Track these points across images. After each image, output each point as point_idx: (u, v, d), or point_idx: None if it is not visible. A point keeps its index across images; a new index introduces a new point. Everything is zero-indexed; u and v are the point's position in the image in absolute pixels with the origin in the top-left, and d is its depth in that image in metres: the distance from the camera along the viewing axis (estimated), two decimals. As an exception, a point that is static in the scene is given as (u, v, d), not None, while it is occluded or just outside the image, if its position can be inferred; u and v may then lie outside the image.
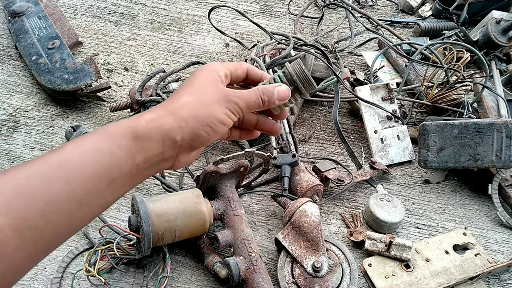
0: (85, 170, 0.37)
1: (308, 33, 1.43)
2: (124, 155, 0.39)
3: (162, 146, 0.41)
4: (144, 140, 0.40)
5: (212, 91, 0.44)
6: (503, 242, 0.91)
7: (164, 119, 0.42)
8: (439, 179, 1.02)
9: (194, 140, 0.43)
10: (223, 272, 0.74)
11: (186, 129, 0.42)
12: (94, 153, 0.38)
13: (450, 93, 1.07)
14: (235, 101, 0.45)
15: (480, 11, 1.41)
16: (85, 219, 0.38)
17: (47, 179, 0.35)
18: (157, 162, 0.42)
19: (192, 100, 0.43)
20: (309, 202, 0.80)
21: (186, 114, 0.42)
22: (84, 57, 1.23)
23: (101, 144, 0.39)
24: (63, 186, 0.36)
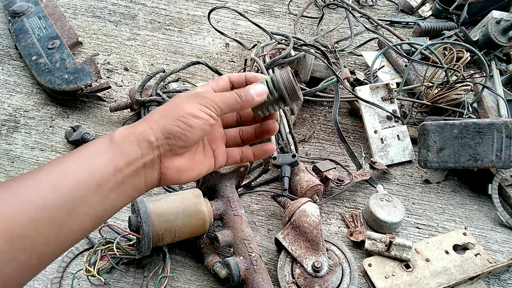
0: (71, 176, 0.38)
1: (308, 33, 1.43)
2: (105, 160, 0.40)
3: (139, 149, 0.42)
4: (120, 145, 0.41)
5: (183, 96, 0.45)
6: (503, 242, 0.91)
7: (136, 126, 0.43)
8: (439, 179, 1.02)
9: (169, 138, 0.42)
10: (223, 272, 0.74)
11: (157, 128, 0.42)
12: (79, 160, 0.40)
13: (450, 93, 1.07)
14: (207, 96, 0.45)
15: (480, 11, 1.41)
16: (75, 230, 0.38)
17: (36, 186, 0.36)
18: (140, 168, 0.42)
19: (163, 106, 0.45)
20: (309, 202, 0.80)
21: (156, 117, 0.43)
22: (84, 57, 1.23)
23: (85, 154, 0.40)
24: (51, 193, 0.36)
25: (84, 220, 0.39)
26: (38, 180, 0.37)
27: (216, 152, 0.50)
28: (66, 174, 0.38)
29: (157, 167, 0.43)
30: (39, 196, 0.36)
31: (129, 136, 0.42)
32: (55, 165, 0.39)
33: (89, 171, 0.39)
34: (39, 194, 0.36)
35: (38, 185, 0.37)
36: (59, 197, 0.37)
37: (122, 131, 0.42)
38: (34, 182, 0.37)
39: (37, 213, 0.35)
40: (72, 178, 0.38)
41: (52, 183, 0.37)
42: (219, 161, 0.50)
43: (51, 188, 0.37)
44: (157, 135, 0.42)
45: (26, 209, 0.35)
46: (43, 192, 0.36)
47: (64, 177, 0.38)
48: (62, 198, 0.37)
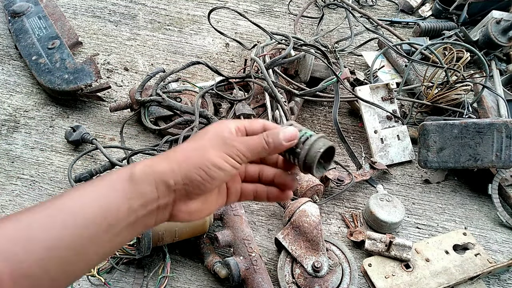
0: (83, 215, 0.37)
1: (308, 33, 1.43)
2: (120, 199, 0.39)
3: (156, 191, 0.40)
4: (138, 184, 0.39)
5: (211, 137, 0.43)
6: (503, 242, 0.91)
7: (159, 163, 0.41)
8: (439, 179, 1.02)
9: (188, 185, 0.40)
10: (223, 272, 0.74)
11: (179, 172, 0.40)
12: (93, 198, 0.38)
13: (450, 93, 1.07)
14: (234, 145, 0.42)
15: (480, 11, 1.41)
16: (82, 268, 0.38)
17: (47, 226, 0.36)
18: (154, 210, 0.40)
19: (188, 145, 0.43)
20: (309, 202, 0.80)
21: (180, 158, 0.41)
22: (84, 57, 1.23)
23: (99, 189, 0.39)
24: (61, 232, 0.36)
25: (91, 259, 0.38)
26: (50, 217, 0.36)
27: (231, 190, 0.48)
28: (78, 213, 0.37)
29: (170, 209, 0.42)
30: (49, 235, 0.35)
31: (149, 175, 0.40)
32: (68, 198, 0.38)
33: (102, 211, 0.38)
34: (49, 233, 0.35)
35: (48, 223, 0.36)
36: (69, 237, 0.36)
37: (143, 168, 0.40)
38: (45, 219, 0.36)
39: (45, 253, 0.35)
40: (83, 217, 0.37)
41: (63, 221, 0.36)
42: (231, 199, 0.48)
43: (62, 227, 0.36)
44: (177, 179, 0.40)
45: (35, 249, 0.34)
46: (53, 232, 0.35)
47: (76, 215, 0.37)
48: (71, 238, 0.36)
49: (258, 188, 0.48)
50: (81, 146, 1.02)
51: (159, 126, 1.01)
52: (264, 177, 0.48)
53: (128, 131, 1.06)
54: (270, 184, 0.48)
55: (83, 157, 0.98)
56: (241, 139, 0.43)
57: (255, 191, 0.48)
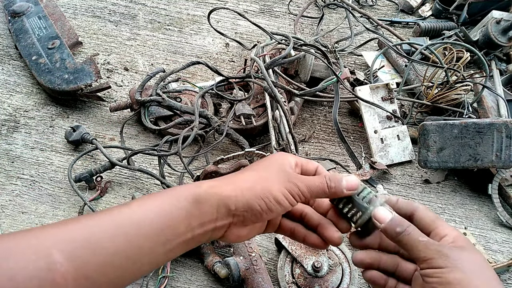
0: (145, 229, 0.39)
1: (308, 33, 1.43)
2: (182, 217, 0.41)
3: (216, 213, 0.42)
4: (201, 204, 0.42)
5: (275, 170, 0.45)
6: (503, 242, 0.91)
7: (224, 187, 0.43)
8: (439, 179, 1.02)
9: (247, 212, 0.43)
10: (223, 272, 0.74)
11: (241, 199, 0.42)
12: (156, 212, 0.40)
13: (450, 93, 1.07)
14: (295, 183, 0.44)
15: (480, 11, 1.41)
16: (135, 276, 0.40)
17: (111, 233, 0.38)
18: (210, 230, 0.43)
19: (254, 174, 0.45)
20: (309, 202, 0.80)
21: (244, 185, 0.43)
22: (84, 57, 1.23)
23: (164, 204, 0.41)
24: (123, 242, 0.38)
25: (144, 269, 0.40)
26: (115, 226, 0.38)
27: (271, 222, 0.49)
28: (142, 226, 0.39)
29: (224, 230, 0.44)
30: (113, 243, 0.37)
31: (213, 197, 0.42)
32: (134, 209, 0.40)
33: (164, 226, 0.40)
34: (113, 241, 0.37)
35: (113, 231, 0.38)
36: (130, 247, 0.38)
37: (208, 189, 0.43)
38: (111, 227, 0.38)
39: (107, 259, 0.37)
40: (145, 230, 0.39)
41: (127, 232, 0.38)
42: (269, 230, 0.49)
43: (125, 237, 0.38)
44: (238, 205, 0.42)
45: (98, 254, 0.37)
46: (117, 240, 0.38)
47: (139, 228, 0.39)
48: (132, 249, 0.38)
49: (297, 228, 0.49)
50: (81, 146, 1.02)
51: (159, 126, 1.01)
52: (308, 219, 0.49)
53: (128, 131, 1.06)
54: (311, 228, 0.49)
55: (83, 157, 0.98)
56: (303, 178, 0.45)
57: (293, 229, 0.49)
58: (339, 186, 0.45)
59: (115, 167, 0.93)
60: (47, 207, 0.90)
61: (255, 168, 0.46)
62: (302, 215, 0.49)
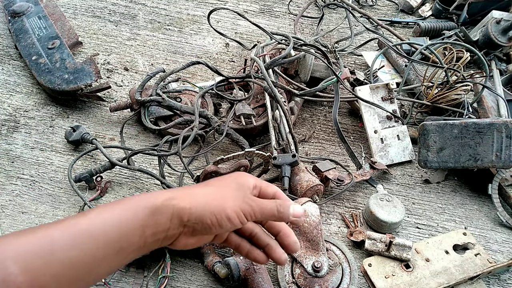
0: (100, 240, 0.40)
1: (308, 33, 1.43)
2: (137, 228, 0.42)
3: (169, 223, 0.44)
4: (157, 216, 0.43)
5: (233, 189, 0.47)
6: (503, 242, 0.91)
7: (181, 199, 0.45)
8: (439, 179, 1.02)
9: (197, 224, 0.45)
10: (223, 272, 0.74)
11: (195, 211, 0.44)
12: (114, 223, 0.42)
13: (450, 93, 1.07)
14: (250, 204, 0.47)
15: (480, 11, 1.41)
16: (89, 282, 0.41)
17: (68, 245, 0.39)
18: (161, 239, 0.44)
19: (212, 190, 0.48)
20: (309, 202, 0.80)
21: (200, 199, 0.45)
22: (84, 57, 1.23)
23: (121, 216, 0.42)
24: (78, 254, 0.39)
25: (99, 277, 0.42)
26: (72, 238, 0.39)
27: (220, 235, 0.51)
28: (98, 237, 0.40)
29: (173, 239, 0.46)
30: (68, 255, 0.38)
31: (169, 209, 0.44)
32: (91, 221, 0.41)
33: (119, 236, 0.41)
34: (68, 253, 0.38)
35: (69, 243, 0.39)
36: (85, 258, 0.39)
37: (166, 200, 0.44)
38: (67, 238, 0.39)
39: (62, 270, 0.38)
40: (102, 241, 0.40)
41: (82, 244, 0.39)
42: (216, 240, 0.51)
43: (80, 249, 0.39)
44: (191, 217, 0.44)
45: (54, 265, 0.37)
46: (72, 252, 0.38)
47: (96, 240, 0.40)
48: (87, 259, 0.39)
49: (242, 243, 0.52)
50: (81, 146, 1.02)
51: (159, 126, 1.01)
52: (256, 239, 0.51)
53: (128, 131, 1.06)
54: (258, 246, 0.52)
55: (83, 157, 0.98)
56: (258, 201, 0.48)
57: (238, 245, 0.52)
58: (286, 213, 0.48)
59: (115, 167, 0.93)
60: (47, 207, 0.90)
61: (216, 184, 0.49)
62: (252, 235, 0.51)
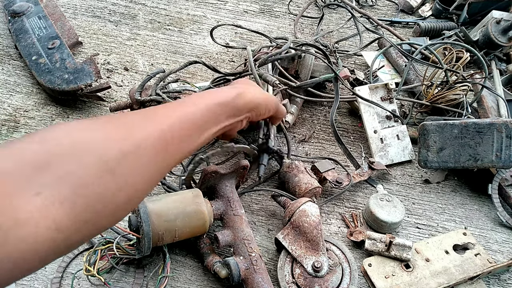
0: (206, 114, 0.56)
1: (308, 33, 1.43)
2: (225, 109, 0.61)
3: (245, 110, 0.64)
4: (236, 101, 0.62)
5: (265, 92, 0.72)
6: (503, 242, 0.91)
7: (245, 94, 0.64)
8: (439, 179, 1.02)
9: (255, 111, 0.67)
10: (223, 272, 0.74)
11: (256, 102, 0.67)
12: (209, 108, 0.58)
13: (449, 93, 1.07)
14: (278, 104, 0.72)
15: (480, 11, 1.41)
16: (200, 142, 0.54)
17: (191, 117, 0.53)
18: (237, 119, 0.64)
19: (258, 89, 0.70)
20: (309, 202, 0.80)
21: (257, 94, 0.67)
22: (84, 57, 1.23)
23: (213, 103, 0.59)
24: (195, 120, 0.53)
25: (202, 138, 0.55)
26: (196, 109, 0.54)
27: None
28: (202, 113, 0.55)
29: (240, 121, 0.66)
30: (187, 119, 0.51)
31: (241, 99, 0.63)
32: (197, 105, 0.54)
33: (213, 115, 0.56)
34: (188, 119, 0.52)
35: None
36: (196, 120, 0.53)
37: (240, 94, 0.63)
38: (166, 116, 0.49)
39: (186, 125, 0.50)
40: (206, 115, 0.55)
41: (195, 116, 0.53)
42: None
43: (193, 117, 0.52)
44: (253, 106, 0.66)
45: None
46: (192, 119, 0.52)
47: (202, 115, 0.54)
48: (197, 122, 0.53)
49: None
50: (81, 146, 1.02)
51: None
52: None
53: (128, 131, 1.06)
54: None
55: (83, 157, 0.98)
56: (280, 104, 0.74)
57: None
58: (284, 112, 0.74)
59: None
60: (47, 207, 0.90)
61: (254, 85, 0.69)
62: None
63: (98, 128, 0.40)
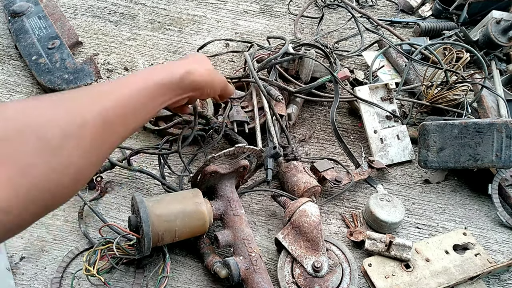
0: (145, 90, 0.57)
1: (308, 33, 1.43)
2: (170, 87, 0.62)
3: (189, 89, 0.65)
4: (183, 82, 0.63)
5: (214, 69, 0.71)
6: (503, 242, 0.91)
7: (194, 74, 0.64)
8: (439, 179, 1.02)
9: (199, 91, 0.67)
10: (223, 272, 0.74)
11: (202, 82, 0.66)
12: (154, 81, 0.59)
13: (449, 93, 1.07)
14: (227, 83, 0.75)
15: (480, 11, 1.41)
16: (137, 125, 0.54)
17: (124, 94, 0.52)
18: (180, 98, 0.65)
19: (208, 66, 0.69)
20: (309, 202, 0.80)
21: (205, 74, 0.67)
22: (84, 57, 1.23)
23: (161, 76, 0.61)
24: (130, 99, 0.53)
25: (140, 119, 0.54)
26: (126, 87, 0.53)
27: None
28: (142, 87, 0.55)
29: (182, 99, 0.66)
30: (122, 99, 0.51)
31: (188, 79, 0.64)
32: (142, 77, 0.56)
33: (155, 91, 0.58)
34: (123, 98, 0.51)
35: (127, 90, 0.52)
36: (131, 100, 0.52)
37: (187, 72, 0.63)
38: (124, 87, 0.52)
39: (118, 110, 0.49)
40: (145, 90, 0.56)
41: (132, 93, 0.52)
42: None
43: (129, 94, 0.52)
44: (198, 86, 0.67)
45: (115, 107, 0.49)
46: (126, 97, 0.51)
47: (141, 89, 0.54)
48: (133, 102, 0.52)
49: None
50: (81, 146, 1.02)
51: (159, 126, 1.01)
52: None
53: (128, 131, 1.06)
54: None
55: (83, 157, 0.98)
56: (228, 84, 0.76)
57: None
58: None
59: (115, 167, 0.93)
60: (47, 207, 0.90)
61: (205, 62, 0.69)
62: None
63: (44, 106, 0.41)
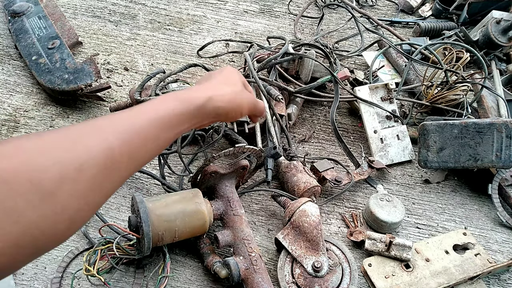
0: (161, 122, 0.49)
1: (308, 33, 1.43)
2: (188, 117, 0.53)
3: (210, 117, 0.56)
4: (202, 110, 0.54)
5: (241, 88, 0.61)
6: (503, 242, 0.91)
7: (216, 100, 0.56)
8: (439, 179, 1.02)
9: (223, 116, 0.58)
10: (223, 272, 0.74)
11: (226, 109, 0.58)
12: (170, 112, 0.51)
13: (449, 93, 1.07)
14: (256, 104, 0.62)
15: (480, 11, 1.41)
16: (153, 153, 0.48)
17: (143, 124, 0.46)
18: (200, 124, 0.57)
19: (232, 89, 0.59)
20: (309, 202, 0.80)
21: (228, 99, 0.58)
22: (84, 57, 1.23)
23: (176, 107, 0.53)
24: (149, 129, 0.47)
25: (157, 148, 0.48)
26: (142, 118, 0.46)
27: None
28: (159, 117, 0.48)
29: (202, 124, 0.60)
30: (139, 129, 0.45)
31: (209, 107, 0.55)
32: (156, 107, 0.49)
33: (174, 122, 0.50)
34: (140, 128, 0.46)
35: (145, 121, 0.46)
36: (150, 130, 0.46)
37: (208, 100, 0.54)
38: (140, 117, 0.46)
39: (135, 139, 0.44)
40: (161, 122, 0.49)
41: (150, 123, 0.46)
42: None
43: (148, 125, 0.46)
44: (223, 112, 0.58)
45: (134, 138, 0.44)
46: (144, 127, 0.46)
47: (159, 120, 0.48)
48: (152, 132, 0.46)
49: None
50: (81, 146, 1.02)
51: (159, 126, 1.01)
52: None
53: (128, 131, 1.06)
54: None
55: (83, 157, 0.98)
56: (259, 102, 0.64)
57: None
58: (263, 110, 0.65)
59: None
60: (47, 207, 0.90)
61: (230, 83, 0.60)
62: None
63: (43, 145, 0.37)
